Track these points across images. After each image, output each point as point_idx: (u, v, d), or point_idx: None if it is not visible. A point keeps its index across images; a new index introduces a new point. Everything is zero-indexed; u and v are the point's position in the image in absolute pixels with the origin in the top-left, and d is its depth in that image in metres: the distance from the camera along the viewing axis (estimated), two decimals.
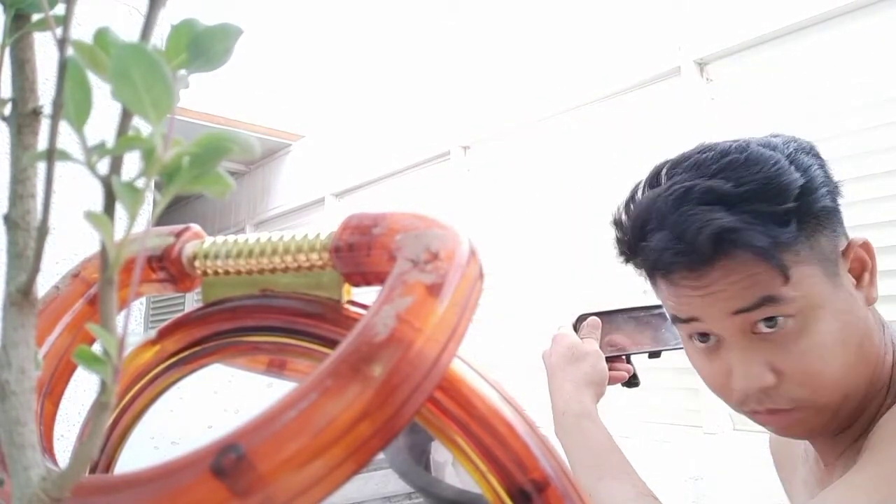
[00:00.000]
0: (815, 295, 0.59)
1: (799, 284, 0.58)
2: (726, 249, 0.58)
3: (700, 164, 0.62)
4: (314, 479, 0.20)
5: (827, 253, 0.60)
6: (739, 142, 0.64)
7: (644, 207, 0.64)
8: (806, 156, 0.62)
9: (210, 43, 0.21)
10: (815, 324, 0.59)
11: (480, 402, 0.27)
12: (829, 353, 0.58)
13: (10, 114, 0.21)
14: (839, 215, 0.63)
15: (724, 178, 0.60)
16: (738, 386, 0.61)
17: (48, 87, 0.18)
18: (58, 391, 0.35)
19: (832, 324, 0.59)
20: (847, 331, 0.59)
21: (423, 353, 0.22)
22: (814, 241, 0.60)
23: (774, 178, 0.59)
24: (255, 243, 0.33)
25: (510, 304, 2.88)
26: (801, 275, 0.58)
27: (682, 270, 0.61)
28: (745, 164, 0.60)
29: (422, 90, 3.57)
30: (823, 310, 0.59)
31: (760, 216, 0.58)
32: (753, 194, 0.58)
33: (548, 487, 0.26)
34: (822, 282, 0.59)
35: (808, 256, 0.59)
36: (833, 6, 1.94)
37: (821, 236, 0.60)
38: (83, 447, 0.19)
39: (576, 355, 0.81)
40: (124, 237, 0.19)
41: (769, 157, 0.60)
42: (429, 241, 0.26)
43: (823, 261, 0.60)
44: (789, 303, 0.58)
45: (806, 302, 0.58)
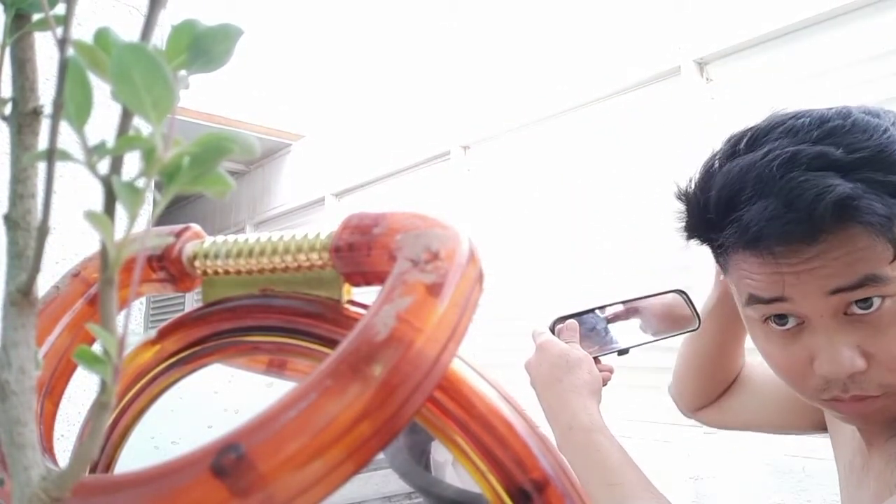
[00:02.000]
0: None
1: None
2: (844, 220, 0.53)
3: (798, 130, 0.58)
4: (314, 478, 0.20)
5: None
6: (838, 108, 0.60)
7: (736, 176, 0.58)
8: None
9: (210, 43, 0.21)
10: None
11: (480, 401, 0.27)
12: None
13: (10, 114, 0.21)
14: None
15: (833, 144, 0.55)
16: (824, 371, 0.57)
17: (48, 87, 0.18)
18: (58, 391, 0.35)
19: None
20: None
21: (423, 352, 0.22)
22: None
23: (886, 147, 0.54)
24: (255, 243, 0.33)
25: (510, 303, 2.87)
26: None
27: (785, 244, 0.55)
28: (852, 131, 0.56)
29: (422, 90, 3.57)
30: None
31: (875, 185, 0.53)
32: (867, 162, 0.54)
33: (548, 487, 0.26)
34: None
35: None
36: (833, 6, 1.94)
37: None
38: (83, 447, 0.19)
39: (570, 363, 0.77)
40: (124, 237, 0.19)
41: (876, 124, 0.56)
42: (429, 240, 0.26)
43: None
44: (892, 283, 0.54)
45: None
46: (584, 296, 2.63)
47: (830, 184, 0.53)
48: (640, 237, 2.45)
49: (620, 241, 2.52)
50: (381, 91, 3.89)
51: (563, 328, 0.84)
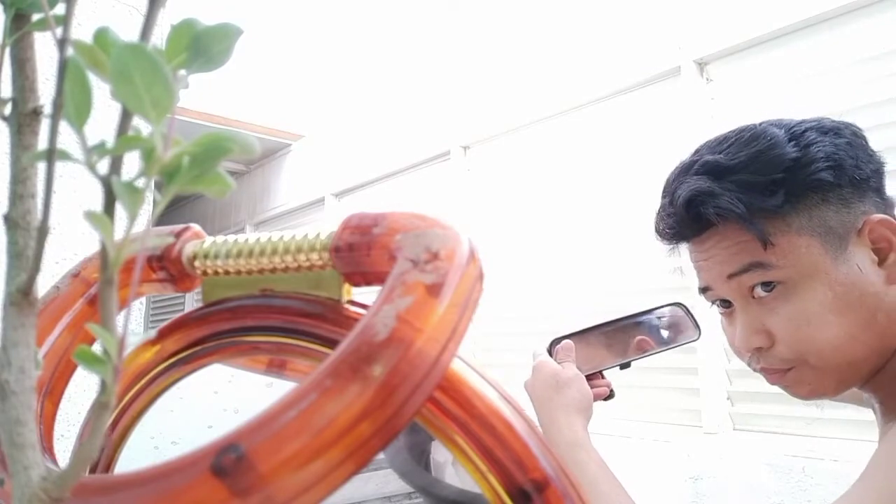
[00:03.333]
0: (807, 264, 0.62)
1: (788, 253, 0.62)
2: (704, 214, 0.63)
3: (715, 142, 0.68)
4: (314, 479, 0.20)
5: (832, 226, 0.62)
6: (760, 122, 0.67)
7: (665, 183, 0.71)
8: (817, 133, 0.64)
9: (210, 43, 0.21)
10: (805, 291, 0.62)
11: (480, 401, 0.27)
12: (818, 320, 0.61)
13: (10, 114, 0.21)
14: (862, 193, 0.64)
15: (723, 153, 0.65)
16: (737, 346, 0.67)
17: (48, 87, 0.18)
18: (58, 391, 0.35)
19: (824, 293, 0.61)
20: (843, 302, 0.61)
21: (424, 352, 0.22)
22: (814, 213, 0.62)
23: (765, 152, 0.63)
24: (255, 243, 0.33)
25: (510, 303, 2.88)
26: (791, 244, 0.62)
27: (674, 238, 0.68)
28: (744, 140, 0.65)
29: (422, 90, 3.57)
30: (814, 279, 0.62)
31: (745, 185, 0.62)
32: (743, 166, 0.63)
33: (548, 487, 0.26)
34: (818, 252, 0.62)
35: (804, 227, 0.62)
36: (833, 6, 1.94)
37: (825, 210, 0.62)
38: (83, 447, 0.19)
39: (560, 383, 0.81)
40: (124, 237, 0.19)
41: (769, 133, 0.64)
42: (429, 240, 0.26)
43: (826, 234, 0.62)
44: (777, 269, 0.62)
45: (795, 270, 0.62)
46: (584, 295, 2.63)
47: (697, 184, 0.63)
48: (641, 237, 2.46)
49: (620, 240, 2.52)
50: (380, 91, 3.89)
51: (558, 349, 0.88)
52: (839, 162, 0.63)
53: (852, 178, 0.64)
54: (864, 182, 0.64)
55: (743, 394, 2.11)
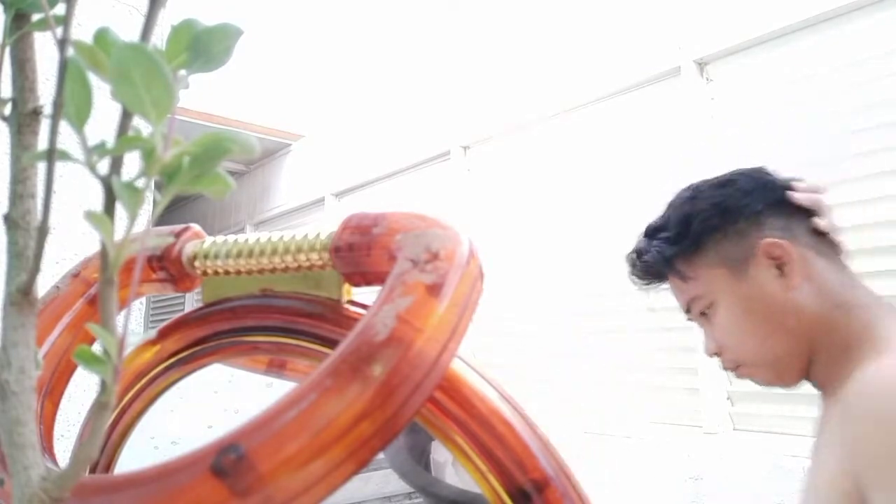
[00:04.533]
0: (720, 289, 0.79)
1: (706, 283, 0.80)
2: (642, 267, 0.85)
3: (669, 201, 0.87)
4: (314, 479, 0.20)
5: (734, 256, 0.79)
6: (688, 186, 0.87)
7: None
8: (711, 188, 0.82)
9: (210, 43, 0.21)
10: (723, 310, 0.80)
11: (480, 402, 0.27)
12: (735, 328, 0.79)
13: (10, 114, 0.21)
14: (759, 224, 0.79)
15: (660, 216, 0.85)
16: (705, 354, 0.84)
17: (48, 87, 0.18)
18: (58, 391, 0.35)
19: (735, 308, 0.78)
20: (750, 313, 0.78)
21: (424, 352, 0.22)
22: (717, 249, 0.79)
23: (675, 210, 0.83)
24: (256, 243, 0.33)
25: (510, 303, 2.88)
26: (707, 276, 0.80)
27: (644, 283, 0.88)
28: (670, 204, 0.85)
29: (422, 90, 3.57)
30: (727, 299, 0.79)
31: (665, 240, 0.82)
32: (663, 225, 0.83)
33: (548, 487, 0.26)
34: (725, 278, 0.79)
35: (713, 262, 0.80)
36: (833, 6, 1.94)
37: (725, 244, 0.79)
38: (83, 447, 0.19)
39: None
40: (124, 237, 0.19)
41: (680, 195, 0.84)
42: (429, 240, 0.26)
43: (729, 262, 0.79)
44: (704, 298, 0.81)
45: (714, 295, 0.80)
46: (584, 296, 2.63)
47: (637, 244, 0.86)
48: None
49: (621, 240, 2.52)
50: (380, 91, 3.89)
51: None
52: (725, 208, 0.80)
53: (743, 216, 0.79)
54: (758, 215, 0.79)
55: (743, 394, 2.11)
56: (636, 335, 2.41)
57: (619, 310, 2.49)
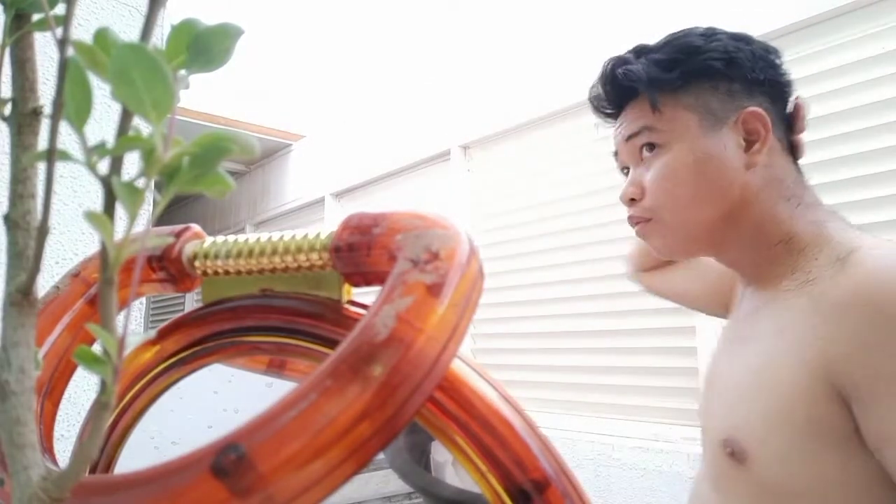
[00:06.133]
0: (682, 133, 0.75)
1: (670, 121, 0.75)
2: (617, 77, 0.78)
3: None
4: (314, 479, 0.20)
5: (713, 109, 0.75)
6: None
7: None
8: (728, 37, 0.77)
9: (210, 43, 0.21)
10: (674, 153, 0.75)
11: (480, 402, 0.27)
12: (676, 177, 0.74)
13: (10, 114, 0.21)
14: (750, 92, 0.75)
15: (657, 43, 0.79)
16: (621, 196, 0.80)
17: (48, 87, 0.18)
18: (58, 391, 0.35)
19: (687, 156, 0.74)
20: (700, 167, 0.74)
21: (424, 352, 0.22)
22: (701, 95, 0.75)
23: (678, 38, 0.77)
24: (256, 243, 0.33)
25: (510, 304, 2.88)
26: (676, 115, 0.75)
27: (606, 106, 0.82)
28: (672, 34, 0.79)
29: (422, 90, 3.57)
30: (684, 145, 0.74)
31: (653, 61, 0.76)
32: (658, 48, 0.78)
33: (548, 487, 0.26)
34: (694, 126, 0.75)
35: (690, 105, 0.75)
36: (835, 5, 1.95)
37: (712, 95, 0.75)
38: (83, 447, 0.19)
39: None
40: (124, 237, 0.19)
41: (689, 29, 0.79)
42: (429, 240, 0.26)
43: (706, 113, 0.74)
44: (659, 133, 0.76)
45: (671, 136, 0.75)
46: (584, 296, 2.63)
47: (620, 56, 0.79)
48: None
49: (620, 240, 2.52)
50: (380, 91, 3.89)
51: None
52: (734, 59, 0.75)
53: (744, 77, 0.75)
54: (755, 84, 0.75)
55: None
56: (636, 336, 2.41)
57: (619, 310, 2.49)
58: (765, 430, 0.66)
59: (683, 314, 2.27)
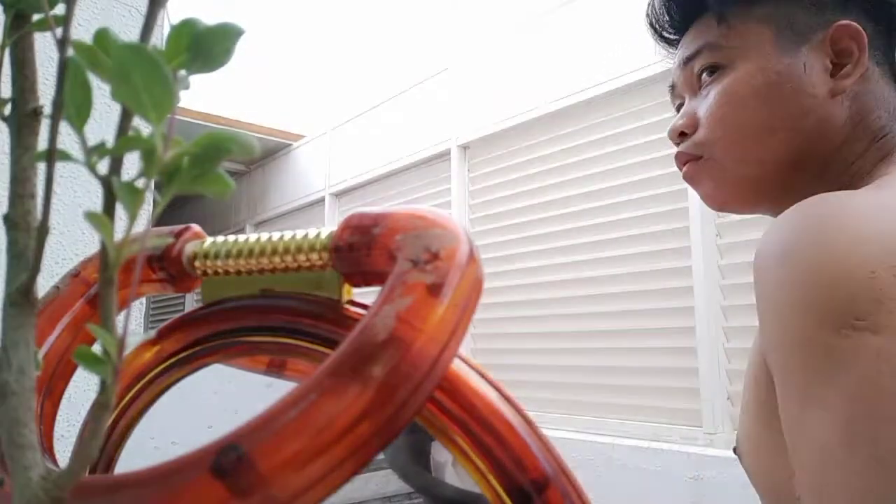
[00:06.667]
0: (752, 50, 0.61)
1: (739, 36, 0.62)
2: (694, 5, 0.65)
3: None
4: (314, 479, 0.20)
5: (795, 22, 0.61)
6: None
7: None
8: None
9: (210, 43, 0.21)
10: (739, 73, 0.62)
11: (480, 402, 0.27)
12: (740, 102, 0.61)
13: (10, 114, 0.21)
14: (843, 4, 0.62)
15: None
16: (669, 131, 0.68)
17: (48, 87, 0.18)
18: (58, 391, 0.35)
19: (755, 78, 0.61)
20: (773, 91, 0.60)
21: (424, 353, 0.22)
22: (781, 4, 0.62)
23: None
24: (255, 243, 0.33)
25: (510, 304, 2.87)
26: (747, 30, 0.62)
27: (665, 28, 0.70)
28: None
29: (422, 90, 3.57)
30: (752, 64, 0.61)
31: None
32: None
33: (548, 487, 0.26)
34: (768, 41, 0.61)
35: (766, 16, 0.62)
36: None
37: (795, 6, 0.62)
38: (83, 447, 0.19)
39: None
40: (124, 237, 0.19)
41: None
42: (429, 240, 0.26)
43: (785, 27, 0.61)
44: (724, 51, 0.63)
45: (739, 53, 0.62)
46: (584, 296, 2.62)
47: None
48: (641, 237, 2.46)
49: (621, 240, 2.52)
50: (380, 91, 3.89)
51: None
52: None
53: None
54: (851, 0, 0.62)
55: None
56: (637, 336, 2.41)
57: (619, 311, 2.49)
58: (746, 423, 0.60)
59: (683, 314, 2.27)
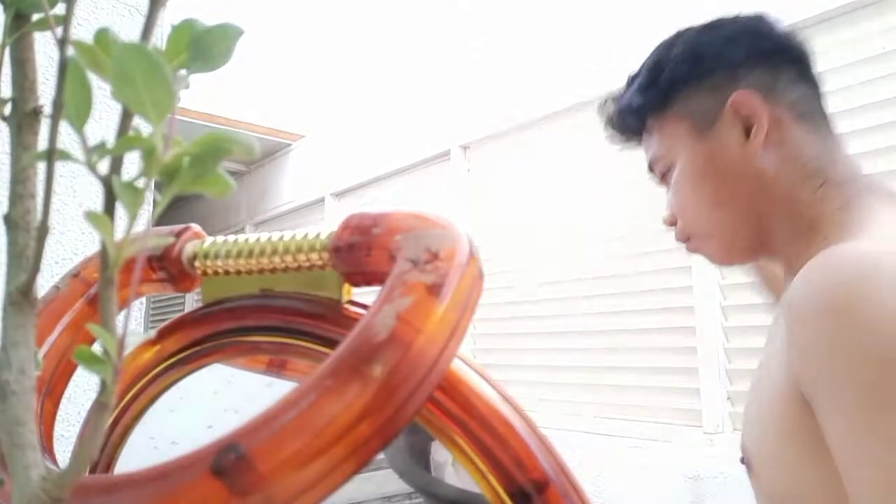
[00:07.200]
0: (679, 146, 0.71)
1: (668, 139, 0.72)
2: (614, 119, 0.77)
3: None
4: (314, 479, 0.20)
5: (701, 110, 0.70)
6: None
7: None
8: (696, 34, 0.73)
9: (210, 43, 0.21)
10: (679, 168, 0.72)
11: (480, 402, 0.27)
12: (688, 192, 0.71)
13: (10, 114, 0.21)
14: (734, 78, 0.69)
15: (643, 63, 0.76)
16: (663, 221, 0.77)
17: (48, 87, 0.18)
18: (58, 391, 0.35)
19: (690, 167, 0.71)
20: (706, 173, 0.70)
21: (423, 353, 0.22)
22: (685, 102, 0.71)
23: (650, 57, 0.74)
24: (255, 243, 0.33)
25: (510, 304, 2.88)
26: (671, 131, 0.72)
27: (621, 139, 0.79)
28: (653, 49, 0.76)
29: (422, 90, 3.57)
30: (684, 156, 0.71)
31: (634, 89, 0.74)
32: (638, 73, 0.75)
33: (548, 487, 0.26)
34: (686, 134, 0.71)
35: (679, 116, 0.71)
36: (831, 6, 1.95)
37: (696, 97, 0.70)
38: (83, 447, 0.19)
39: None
40: (124, 237, 0.19)
41: (666, 43, 0.75)
42: (429, 241, 0.26)
43: (696, 117, 0.70)
44: (665, 155, 0.73)
45: (673, 151, 0.72)
46: (584, 296, 2.62)
47: (610, 93, 0.78)
48: (640, 236, 2.46)
49: (620, 240, 2.52)
50: (380, 91, 3.89)
51: None
52: (700, 55, 0.71)
53: (722, 67, 0.70)
54: (738, 67, 0.69)
55: (743, 394, 2.10)
56: (637, 335, 2.41)
57: (619, 310, 2.49)
58: (761, 437, 0.64)
59: (683, 314, 2.27)
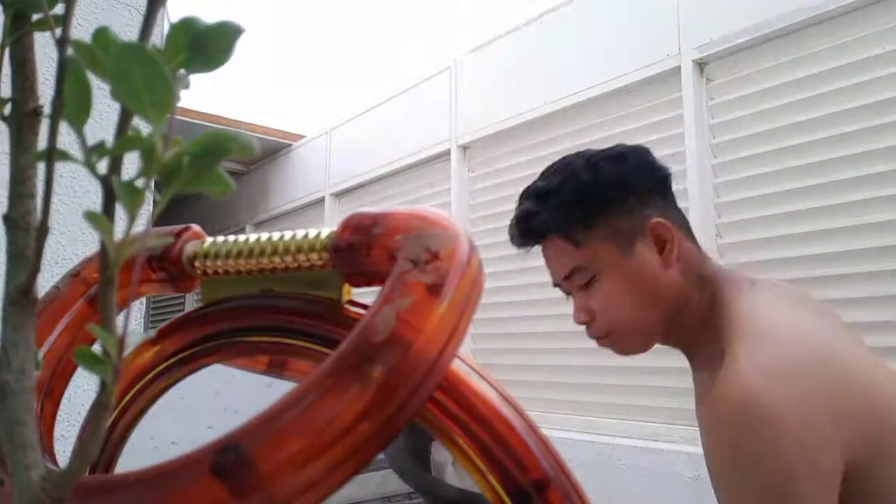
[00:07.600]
0: (607, 262, 0.83)
1: (594, 255, 0.83)
2: (531, 229, 0.86)
3: (544, 171, 0.91)
4: (314, 478, 0.20)
5: (623, 232, 0.83)
6: (568, 155, 0.90)
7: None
8: (607, 162, 0.85)
9: (210, 42, 0.21)
10: (608, 281, 0.84)
11: (480, 402, 0.27)
12: (617, 300, 0.83)
13: (10, 114, 0.21)
14: (644, 202, 0.84)
15: (545, 180, 0.88)
16: (574, 321, 0.89)
17: (48, 87, 0.18)
18: (58, 391, 0.35)
19: (620, 281, 0.83)
20: (632, 287, 0.83)
21: (424, 352, 0.22)
22: (609, 223, 0.83)
23: (570, 179, 0.85)
24: (256, 243, 0.33)
25: (510, 304, 2.88)
26: (597, 249, 0.83)
27: (524, 245, 0.90)
28: (557, 169, 0.88)
29: (422, 90, 3.57)
30: (612, 271, 0.83)
31: (559, 205, 0.84)
32: (556, 191, 0.85)
33: (548, 487, 0.26)
34: (615, 253, 0.83)
35: (604, 236, 0.83)
36: (832, 7, 1.94)
37: (618, 219, 0.83)
38: (83, 447, 0.19)
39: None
40: (124, 237, 0.19)
41: (570, 162, 0.87)
42: (429, 240, 0.26)
43: (620, 238, 0.83)
44: (589, 269, 0.84)
45: (600, 267, 0.84)
46: None
47: (525, 205, 0.87)
48: None
49: None
50: (380, 91, 3.89)
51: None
52: (623, 181, 0.84)
53: (636, 193, 0.84)
54: (646, 193, 0.84)
55: None
56: None
57: None
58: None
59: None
